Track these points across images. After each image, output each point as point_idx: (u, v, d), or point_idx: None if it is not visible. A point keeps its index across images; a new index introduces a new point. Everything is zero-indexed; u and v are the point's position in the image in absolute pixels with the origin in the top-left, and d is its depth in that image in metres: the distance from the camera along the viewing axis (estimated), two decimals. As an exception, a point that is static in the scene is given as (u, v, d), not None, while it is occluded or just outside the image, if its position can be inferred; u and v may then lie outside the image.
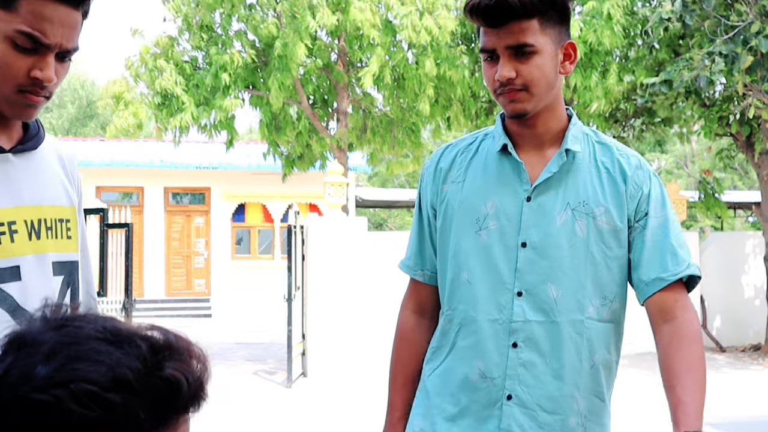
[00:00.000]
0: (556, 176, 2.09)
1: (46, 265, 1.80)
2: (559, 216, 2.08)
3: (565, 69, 2.09)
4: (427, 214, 2.27)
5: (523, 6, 1.95)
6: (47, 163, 1.86)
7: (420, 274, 2.30)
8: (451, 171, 2.21)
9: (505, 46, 2.00)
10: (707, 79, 11.26)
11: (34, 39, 1.64)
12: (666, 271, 2.09)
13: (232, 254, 23.67)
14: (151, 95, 13.45)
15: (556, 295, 2.06)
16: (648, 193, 2.12)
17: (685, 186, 33.00)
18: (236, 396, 10.34)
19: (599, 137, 2.18)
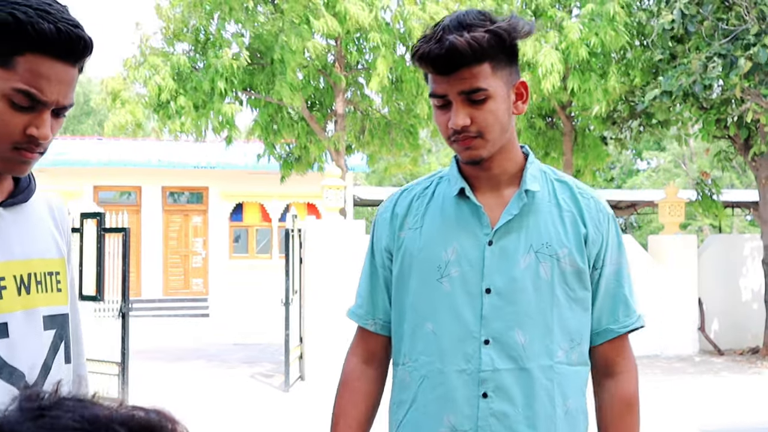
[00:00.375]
0: (517, 218, 2.04)
1: (36, 320, 1.78)
2: (522, 259, 2.02)
3: (518, 109, 2.05)
4: (381, 260, 2.19)
5: (474, 52, 1.90)
6: (37, 215, 1.85)
7: (371, 323, 2.22)
8: (408, 217, 2.14)
9: (458, 92, 1.94)
10: (702, 85, 11.28)
11: (31, 97, 1.63)
12: (617, 323, 2.11)
13: (230, 254, 23.65)
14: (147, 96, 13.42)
15: (524, 340, 2.01)
16: (607, 239, 2.10)
17: (683, 185, 32.99)
18: (233, 399, 10.33)
19: (557, 174, 2.14)
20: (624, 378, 2.12)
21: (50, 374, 1.80)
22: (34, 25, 1.59)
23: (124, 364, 9.88)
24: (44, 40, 1.61)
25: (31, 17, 1.59)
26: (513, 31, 1.95)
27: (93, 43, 1.68)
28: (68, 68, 1.67)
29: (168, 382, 11.55)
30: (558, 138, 16.69)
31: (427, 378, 2.06)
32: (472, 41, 1.88)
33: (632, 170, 41.24)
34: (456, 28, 1.90)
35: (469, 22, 1.91)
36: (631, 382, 2.13)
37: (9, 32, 1.59)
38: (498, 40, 1.92)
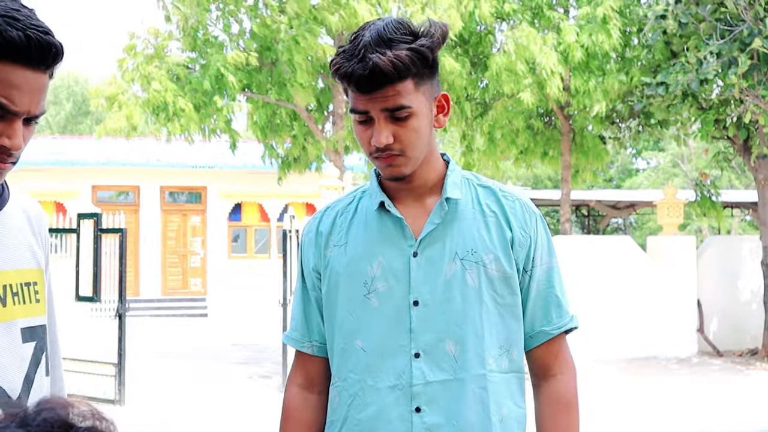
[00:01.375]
0: (440, 227, 2.01)
1: (14, 333, 1.73)
2: (448, 268, 1.99)
3: (439, 122, 2.02)
4: (311, 280, 2.15)
5: (397, 71, 1.86)
6: (12, 225, 1.79)
7: (308, 346, 2.17)
8: (332, 234, 2.12)
9: (381, 109, 1.90)
10: (698, 80, 11.27)
11: (2, 107, 1.58)
12: (550, 324, 2.08)
13: (229, 253, 23.64)
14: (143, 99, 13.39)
15: (455, 351, 1.98)
16: (536, 240, 2.07)
17: (682, 185, 32.98)
18: (230, 400, 10.31)
19: (481, 180, 2.12)
20: (561, 379, 2.09)
21: (33, 387, 1.76)
22: (2, 33, 1.53)
23: (120, 364, 9.86)
24: (13, 48, 1.55)
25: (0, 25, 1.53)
26: (435, 46, 1.92)
27: (64, 49, 1.62)
28: (39, 75, 1.61)
29: (165, 383, 11.53)
30: (556, 138, 16.67)
31: (358, 396, 2.02)
32: (396, 60, 1.85)
33: (631, 170, 41.25)
34: (377, 44, 1.86)
35: (390, 37, 1.87)
36: (569, 383, 2.09)
37: None
38: (421, 57, 1.89)
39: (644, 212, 30.39)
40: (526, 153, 17.03)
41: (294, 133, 15.06)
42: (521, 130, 16.17)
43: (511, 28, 13.88)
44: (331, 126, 15.30)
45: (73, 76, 47.96)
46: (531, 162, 17.86)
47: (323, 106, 15.38)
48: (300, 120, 14.90)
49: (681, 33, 12.54)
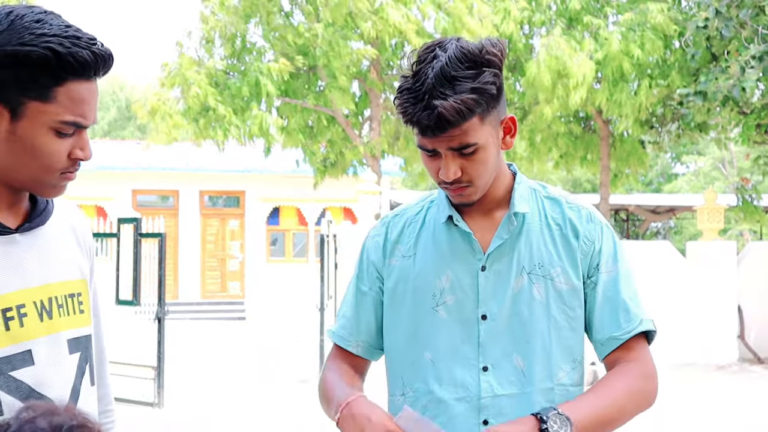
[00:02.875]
0: (508, 242, 2.03)
1: (60, 345, 1.77)
2: (515, 282, 2.01)
3: (506, 144, 2.02)
4: (371, 283, 2.16)
5: (462, 115, 1.85)
6: (57, 237, 1.84)
7: (354, 345, 2.19)
8: (399, 244, 2.13)
9: (447, 148, 1.91)
10: (740, 87, 11.16)
11: (77, 124, 1.67)
12: (619, 329, 2.04)
13: (267, 257, 23.75)
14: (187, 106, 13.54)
15: (523, 365, 1.99)
16: (600, 248, 2.06)
17: (723, 189, 32.62)
18: (268, 403, 10.36)
19: (548, 192, 2.12)
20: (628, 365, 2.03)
21: (80, 398, 1.80)
22: (74, 56, 1.62)
23: (159, 367, 9.95)
24: (84, 66, 1.64)
25: (69, 48, 1.61)
26: (499, 76, 1.91)
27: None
28: (95, 84, 1.71)
29: (203, 386, 11.61)
30: (595, 142, 16.58)
31: (428, 408, 2.04)
32: (461, 106, 1.84)
33: (671, 174, 40.86)
34: (441, 85, 1.84)
35: (453, 74, 1.84)
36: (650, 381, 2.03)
37: (50, 67, 1.61)
38: (486, 95, 1.88)
39: (684, 217, 30.10)
40: (565, 157, 16.96)
41: (331, 138, 15.12)
42: (561, 134, 16.11)
43: (547, 35, 13.82)
44: (368, 131, 15.33)
45: (118, 82, 48.49)
46: (570, 166, 17.79)
47: (360, 111, 15.42)
48: (337, 125, 14.96)
49: (722, 38, 12.44)
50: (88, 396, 1.84)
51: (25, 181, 1.71)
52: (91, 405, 1.85)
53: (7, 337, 1.67)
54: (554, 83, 13.50)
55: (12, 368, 1.68)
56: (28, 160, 1.67)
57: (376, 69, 14.49)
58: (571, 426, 1.84)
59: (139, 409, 9.86)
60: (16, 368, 1.68)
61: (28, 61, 1.60)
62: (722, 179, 35.82)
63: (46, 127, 1.65)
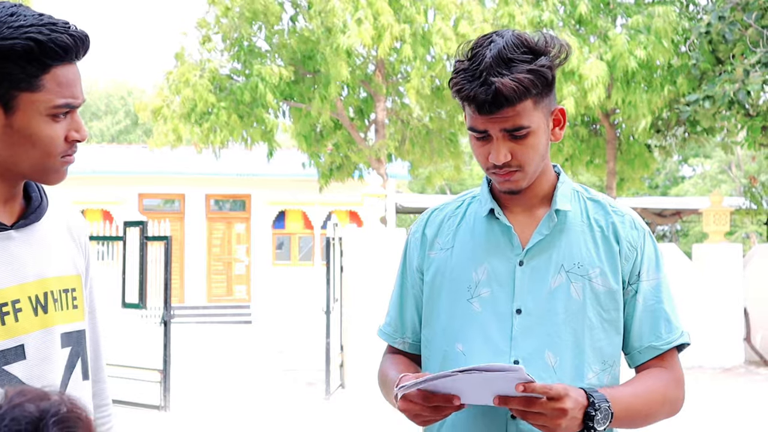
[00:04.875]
0: (548, 238, 2.04)
1: (53, 339, 1.80)
2: (553, 279, 2.01)
3: (556, 136, 2.04)
4: (413, 280, 2.19)
5: (518, 94, 1.88)
6: (52, 233, 1.87)
7: (400, 342, 2.23)
8: (438, 237, 2.15)
9: (500, 129, 1.93)
10: (745, 90, 11.14)
11: (69, 105, 1.72)
12: (659, 339, 2.07)
13: (273, 261, 23.77)
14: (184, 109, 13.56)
15: (554, 362, 1.99)
16: (642, 255, 2.07)
17: (728, 192, 32.57)
18: (274, 406, 10.37)
19: (590, 194, 2.13)
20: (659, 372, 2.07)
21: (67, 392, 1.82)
22: (55, 42, 1.67)
23: (165, 371, 9.96)
24: (66, 50, 1.69)
25: (49, 35, 1.67)
26: (554, 66, 1.94)
27: None
28: (77, 66, 1.77)
29: (209, 389, 11.63)
30: (602, 145, 16.57)
31: None
32: (517, 84, 1.87)
33: (677, 177, 40.81)
34: (498, 65, 1.88)
35: (510, 56, 1.89)
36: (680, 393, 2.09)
37: (34, 56, 1.66)
38: (542, 78, 1.91)
39: (690, 219, 30.04)
40: (571, 160, 16.96)
41: (336, 141, 15.14)
42: (567, 137, 16.11)
43: (554, 36, 13.83)
44: (373, 134, 15.35)
45: (125, 87, 48.61)
46: (576, 169, 17.78)
47: (365, 115, 15.43)
48: (343, 128, 14.98)
49: (726, 42, 12.43)
50: (78, 390, 1.87)
51: (27, 170, 1.75)
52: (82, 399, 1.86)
53: (2, 331, 1.70)
54: (560, 84, 13.51)
55: (5, 362, 1.71)
56: (29, 149, 1.72)
57: (381, 73, 14.51)
58: (609, 422, 1.87)
59: (145, 412, 9.88)
60: (9, 362, 1.72)
61: (12, 54, 1.65)
62: (729, 182, 35.76)
63: (40, 114, 1.70)
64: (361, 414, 9.96)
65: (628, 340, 2.09)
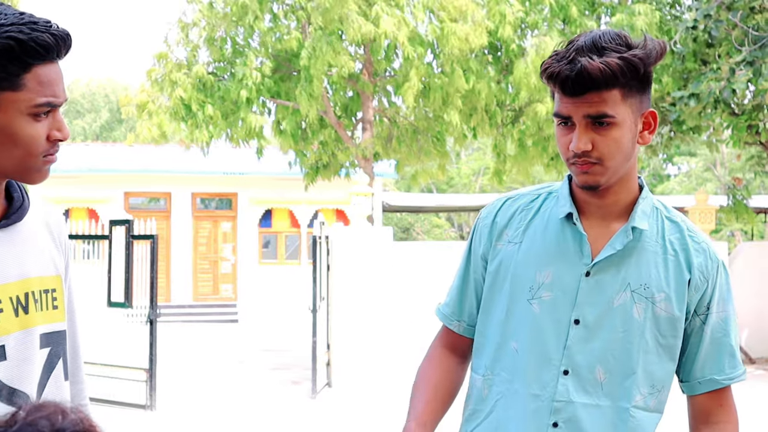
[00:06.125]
0: (620, 253, 1.99)
1: (33, 340, 1.79)
2: (617, 296, 1.98)
3: (644, 139, 1.98)
4: (476, 266, 2.17)
5: (605, 77, 1.84)
6: (33, 233, 1.85)
7: (456, 325, 2.22)
8: (508, 228, 2.11)
9: (583, 115, 1.89)
10: (730, 89, 11.19)
11: (50, 104, 1.71)
12: (722, 374, 2.07)
13: (259, 260, 23.73)
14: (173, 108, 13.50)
15: (604, 378, 1.98)
16: (714, 287, 2.03)
17: (713, 190, 32.70)
18: (261, 405, 10.35)
19: (670, 213, 2.08)
20: (723, 428, 2.09)
21: (44, 392, 1.82)
22: (36, 40, 1.66)
23: (152, 370, 9.93)
24: (47, 49, 1.68)
25: (29, 34, 1.65)
26: (648, 59, 1.90)
27: None
28: (59, 65, 1.75)
29: (196, 388, 11.60)
30: (587, 144, 16.60)
31: (504, 396, 2.04)
32: (604, 66, 1.84)
33: (663, 175, 40.94)
34: (589, 50, 1.86)
35: (603, 45, 1.87)
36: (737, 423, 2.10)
37: (15, 56, 1.65)
38: (631, 67, 1.87)
39: (676, 218, 30.10)
40: (556, 159, 16.97)
41: (323, 140, 15.12)
42: (552, 137, 16.13)
43: (540, 35, 13.84)
44: (360, 132, 15.34)
45: (110, 85, 48.38)
46: (563, 168, 17.80)
47: (352, 113, 15.41)
48: (329, 127, 14.96)
49: (712, 41, 12.47)
50: (57, 391, 1.86)
51: (9, 170, 1.74)
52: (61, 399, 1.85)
53: None
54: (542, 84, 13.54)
55: None
56: (11, 148, 1.70)
57: (368, 71, 14.50)
58: None
59: (131, 412, 9.85)
60: None
61: None
62: (714, 180, 35.91)
63: (22, 113, 1.69)
64: (348, 413, 9.95)
65: (690, 370, 2.08)
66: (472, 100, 13.84)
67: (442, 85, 13.60)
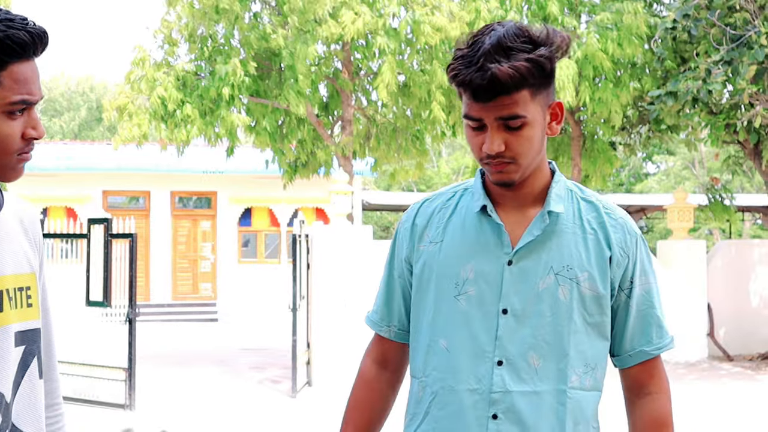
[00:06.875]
0: (539, 239, 2.02)
1: (8, 338, 1.77)
2: (541, 281, 2.00)
3: (552, 130, 2.02)
4: (401, 270, 2.19)
5: (515, 82, 1.86)
6: (7, 231, 1.84)
7: (386, 330, 2.24)
8: (428, 229, 2.13)
9: (495, 118, 1.91)
10: (706, 90, 11.26)
11: (26, 102, 1.69)
12: (650, 345, 2.10)
13: (239, 258, 23.67)
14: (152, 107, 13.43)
15: (538, 364, 1.99)
16: (635, 260, 2.07)
17: (692, 189, 32.90)
18: (241, 405, 10.33)
19: (584, 194, 2.11)
20: (656, 398, 2.12)
21: (19, 391, 1.80)
22: (12, 38, 1.65)
23: (131, 369, 9.89)
24: (24, 47, 1.67)
25: (5, 31, 1.64)
26: (554, 56, 1.92)
27: None
28: (35, 63, 1.74)
29: (175, 387, 11.56)
30: (567, 143, 16.65)
31: (438, 395, 2.05)
32: (514, 71, 1.85)
33: (642, 174, 41.16)
34: (496, 52, 1.86)
35: (509, 45, 1.87)
36: (664, 402, 2.12)
37: None
38: (539, 67, 1.89)
39: (655, 216, 30.32)
40: (535, 157, 17.01)
41: (302, 138, 15.08)
42: (530, 134, 16.16)
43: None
44: (339, 131, 15.32)
45: (88, 83, 48.12)
46: (540, 166, 17.83)
47: (331, 111, 15.39)
48: (308, 125, 14.93)
49: (691, 40, 12.54)
50: (32, 389, 1.84)
51: None
52: (36, 397, 1.85)
53: None
54: None
55: None
56: None
57: (347, 69, 14.48)
58: None
59: (110, 411, 9.80)
60: None
61: None
62: (692, 179, 36.14)
63: None
64: (328, 412, 9.94)
65: (620, 344, 2.11)
66: (451, 98, 13.84)
67: (422, 82, 13.59)
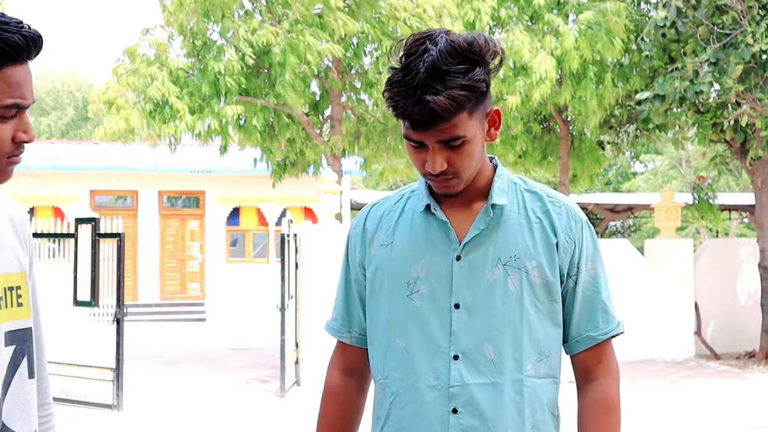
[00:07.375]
0: (485, 232, 2.05)
1: None
2: (490, 273, 2.03)
3: (491, 136, 2.04)
4: (355, 275, 2.22)
5: (453, 110, 1.88)
6: None
7: (347, 336, 2.26)
8: (378, 233, 2.16)
9: (436, 141, 1.93)
10: (693, 90, 11.30)
11: (18, 106, 1.69)
12: (596, 330, 2.12)
13: (227, 258, 23.64)
14: (142, 102, 13.36)
15: (494, 355, 2.02)
16: (581, 246, 2.10)
17: (679, 188, 33.00)
18: (229, 404, 10.32)
19: (528, 185, 2.15)
20: (603, 383, 2.13)
21: (9, 391, 1.79)
22: (6, 42, 1.64)
23: (118, 369, 9.87)
24: (17, 51, 1.66)
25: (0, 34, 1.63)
26: (489, 78, 1.94)
27: None
28: (29, 66, 1.73)
29: (163, 388, 11.54)
30: (555, 142, 16.68)
31: (399, 395, 2.08)
32: (452, 102, 1.87)
33: (629, 173, 41.26)
34: (432, 79, 1.86)
35: (444, 69, 1.87)
36: (611, 386, 2.13)
37: None
38: (476, 91, 1.91)
39: (642, 215, 30.40)
40: (524, 157, 17.04)
41: (291, 137, 15.06)
42: (520, 134, 16.18)
43: (506, 31, 13.86)
44: (328, 130, 15.30)
45: (75, 82, 47.95)
46: (529, 166, 17.87)
47: (320, 110, 15.38)
48: (297, 123, 14.91)
49: (679, 38, 12.58)
50: (22, 389, 1.83)
51: None
52: (27, 397, 1.85)
53: None
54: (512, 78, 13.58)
55: None
56: None
57: (337, 68, 14.47)
58: None
59: (97, 412, 9.78)
60: None
61: None
62: (680, 178, 36.23)
63: None
64: (316, 412, 9.93)
65: (568, 330, 2.13)
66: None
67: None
